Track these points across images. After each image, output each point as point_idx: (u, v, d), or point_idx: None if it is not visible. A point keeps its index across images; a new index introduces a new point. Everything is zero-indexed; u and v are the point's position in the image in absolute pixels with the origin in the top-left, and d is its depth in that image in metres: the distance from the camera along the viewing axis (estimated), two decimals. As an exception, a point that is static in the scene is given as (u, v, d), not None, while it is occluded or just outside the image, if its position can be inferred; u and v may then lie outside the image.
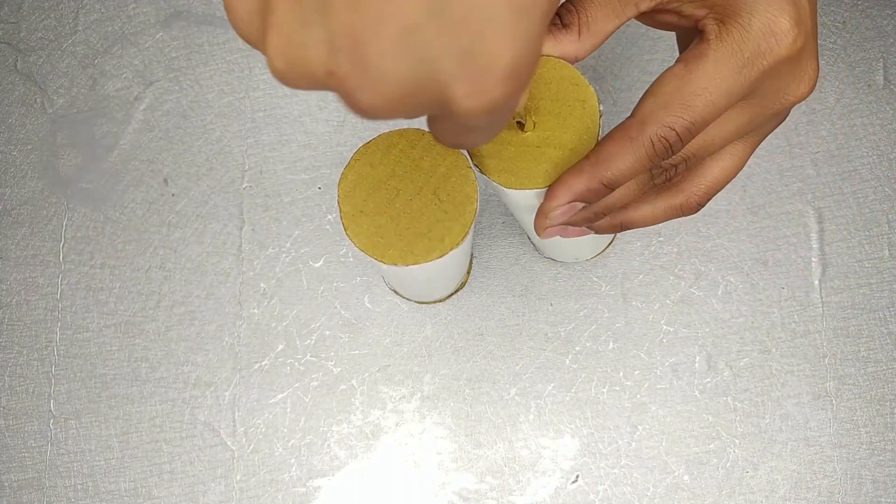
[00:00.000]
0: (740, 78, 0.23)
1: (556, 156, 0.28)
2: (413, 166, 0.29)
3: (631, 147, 0.24)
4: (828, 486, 0.41)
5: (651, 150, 0.24)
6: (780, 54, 0.23)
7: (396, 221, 0.29)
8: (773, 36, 0.22)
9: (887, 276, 0.43)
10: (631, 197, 0.27)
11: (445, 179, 0.29)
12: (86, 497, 0.42)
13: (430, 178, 0.29)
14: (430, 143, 0.29)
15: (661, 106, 0.23)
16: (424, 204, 0.29)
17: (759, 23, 0.22)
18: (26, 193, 0.46)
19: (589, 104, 0.29)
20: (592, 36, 0.25)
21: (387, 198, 0.29)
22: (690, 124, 0.23)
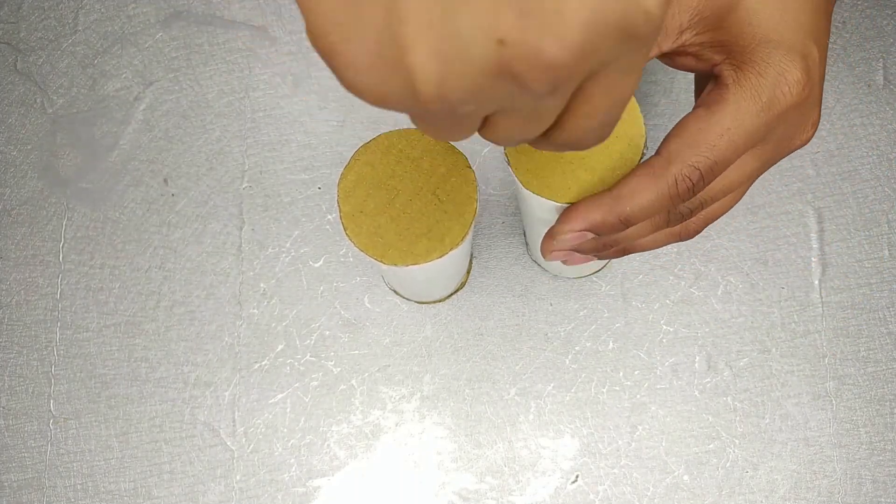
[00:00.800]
0: (758, 121, 0.24)
1: (585, 178, 0.29)
2: (413, 166, 0.29)
3: (654, 185, 0.25)
4: (828, 486, 0.41)
5: (674, 189, 0.24)
6: (791, 101, 0.24)
7: (396, 221, 0.29)
8: (787, 84, 0.24)
9: (887, 276, 0.43)
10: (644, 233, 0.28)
11: (445, 179, 0.29)
12: (86, 497, 0.42)
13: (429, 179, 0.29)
14: (430, 144, 0.29)
15: (686, 146, 0.24)
16: (424, 204, 0.29)
17: (773, 71, 0.24)
18: (26, 193, 0.46)
19: (635, 143, 0.29)
20: None
21: (386, 198, 0.29)
22: (714, 163, 0.24)
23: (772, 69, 0.24)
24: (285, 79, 0.47)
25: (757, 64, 0.24)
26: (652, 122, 0.45)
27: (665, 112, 0.45)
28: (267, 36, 0.47)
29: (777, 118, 0.24)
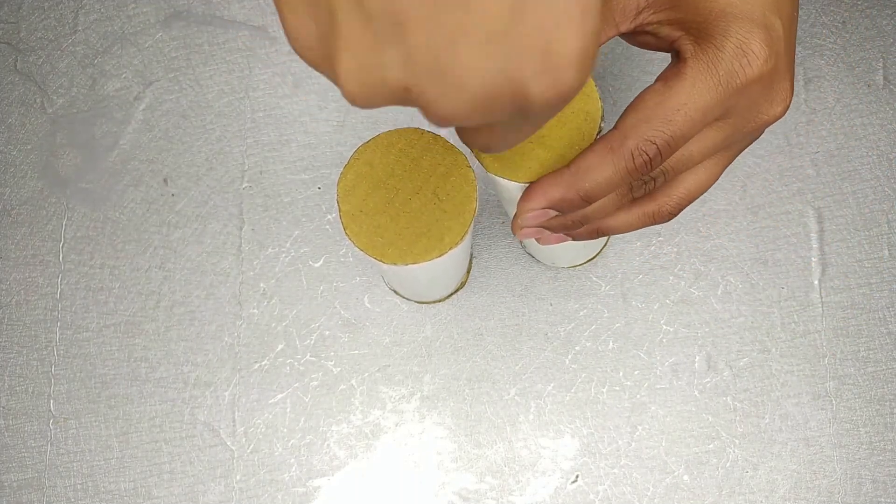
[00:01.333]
0: (716, 95, 0.24)
1: (544, 156, 0.29)
2: (412, 166, 0.29)
3: (611, 159, 0.25)
4: (827, 485, 0.41)
5: (631, 164, 0.24)
6: (751, 74, 0.24)
7: (396, 221, 0.29)
8: (745, 56, 0.23)
9: (887, 276, 0.43)
10: (609, 209, 0.28)
11: (445, 179, 0.29)
12: (86, 497, 0.42)
13: (429, 178, 0.29)
14: (430, 143, 0.29)
15: (642, 120, 0.24)
16: (424, 203, 0.29)
17: (731, 44, 0.24)
18: (26, 193, 0.46)
19: (591, 117, 0.29)
20: None
21: (386, 197, 0.29)
22: (670, 138, 0.24)
23: (730, 42, 0.24)
24: (285, 79, 0.47)
25: (715, 38, 0.24)
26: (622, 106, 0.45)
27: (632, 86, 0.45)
28: (267, 36, 0.47)
29: (737, 92, 0.24)
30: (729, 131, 0.26)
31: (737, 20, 0.24)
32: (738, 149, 0.28)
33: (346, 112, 0.46)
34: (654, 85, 0.25)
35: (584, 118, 0.29)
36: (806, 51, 0.45)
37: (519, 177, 0.28)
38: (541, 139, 0.29)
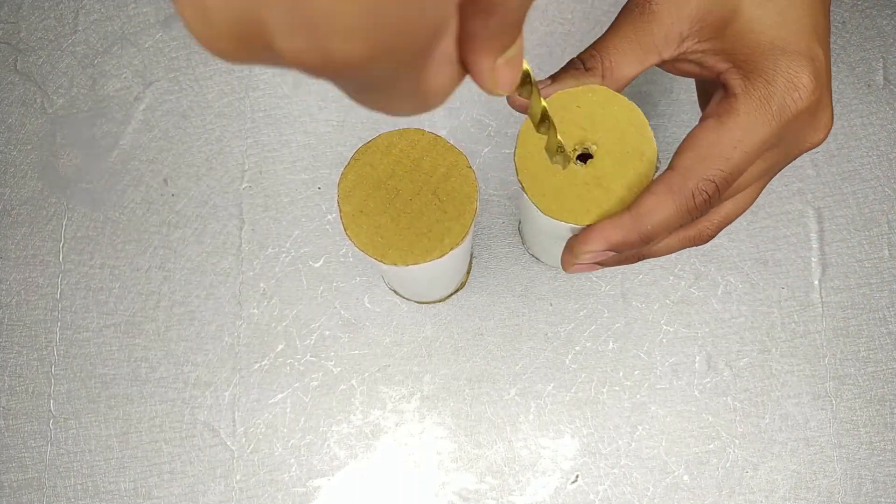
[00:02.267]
0: (769, 129, 0.24)
1: (603, 198, 0.29)
2: (413, 166, 0.29)
3: (672, 201, 0.25)
4: (827, 486, 0.41)
5: (692, 203, 0.25)
6: (802, 106, 0.24)
7: (396, 221, 0.29)
8: (797, 90, 0.24)
9: (887, 276, 0.43)
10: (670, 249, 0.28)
11: (445, 179, 0.29)
12: (86, 497, 0.42)
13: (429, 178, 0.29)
14: (431, 144, 0.29)
15: (700, 159, 0.24)
16: (424, 204, 0.29)
17: (782, 78, 0.24)
18: (26, 193, 0.46)
19: (647, 157, 0.29)
20: (615, 81, 0.26)
21: (387, 198, 0.29)
22: (729, 175, 0.24)
23: (780, 76, 0.24)
24: (285, 79, 0.47)
25: (765, 72, 0.24)
26: (652, 122, 0.45)
27: (665, 112, 0.45)
28: (267, 36, 0.47)
29: (788, 124, 0.24)
30: (775, 160, 0.26)
31: (785, 54, 0.24)
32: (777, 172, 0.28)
33: (346, 112, 0.46)
34: (707, 122, 0.25)
35: (640, 159, 0.29)
36: (806, 51, 0.45)
37: (577, 219, 0.29)
38: (598, 181, 0.29)
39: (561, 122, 0.29)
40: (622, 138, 0.29)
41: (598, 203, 0.29)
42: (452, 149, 0.29)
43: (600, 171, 0.29)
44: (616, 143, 0.29)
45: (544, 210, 0.29)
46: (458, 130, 0.45)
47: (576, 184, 0.29)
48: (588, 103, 0.29)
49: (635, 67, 0.26)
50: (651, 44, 0.26)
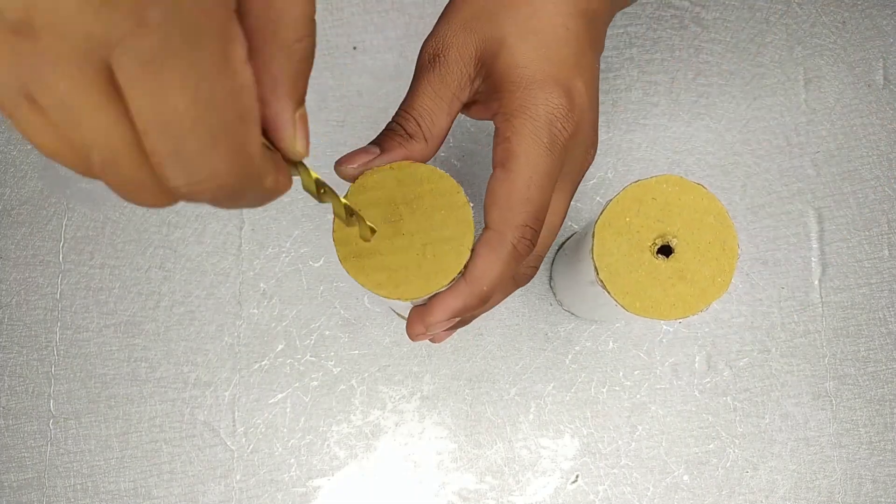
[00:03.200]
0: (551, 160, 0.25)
1: (687, 291, 0.29)
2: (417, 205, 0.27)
3: (497, 257, 0.25)
4: (828, 485, 0.41)
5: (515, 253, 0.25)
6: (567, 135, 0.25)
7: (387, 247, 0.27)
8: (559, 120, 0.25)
9: (887, 276, 0.43)
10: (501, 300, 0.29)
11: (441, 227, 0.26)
12: (86, 497, 0.42)
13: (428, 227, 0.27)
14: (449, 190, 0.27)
15: (507, 210, 0.25)
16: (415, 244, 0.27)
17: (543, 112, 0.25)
18: (26, 193, 0.46)
19: (729, 246, 0.29)
20: (435, 139, 0.27)
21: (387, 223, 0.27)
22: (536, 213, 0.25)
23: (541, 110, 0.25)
24: (285, 79, 0.46)
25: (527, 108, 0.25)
26: (653, 122, 0.45)
27: (667, 112, 0.45)
28: (267, 36, 0.47)
29: (562, 151, 0.26)
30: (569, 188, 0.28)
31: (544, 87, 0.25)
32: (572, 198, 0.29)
33: (346, 111, 0.46)
34: (496, 172, 0.26)
35: (721, 248, 0.29)
36: (806, 51, 0.45)
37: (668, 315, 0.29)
38: (681, 274, 0.29)
39: (637, 216, 0.30)
40: (701, 228, 0.29)
41: (682, 297, 0.29)
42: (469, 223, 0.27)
43: (683, 265, 0.29)
44: (696, 233, 0.29)
45: (628, 307, 0.29)
46: (457, 130, 0.45)
47: (659, 279, 0.29)
48: (663, 194, 0.30)
49: (446, 120, 0.27)
50: (451, 93, 0.26)
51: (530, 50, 0.25)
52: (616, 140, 0.45)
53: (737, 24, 0.46)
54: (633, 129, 0.45)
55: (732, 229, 0.29)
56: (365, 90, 0.46)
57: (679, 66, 0.45)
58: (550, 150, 0.25)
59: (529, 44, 0.26)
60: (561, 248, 0.43)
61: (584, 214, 0.44)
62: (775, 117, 0.45)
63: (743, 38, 0.45)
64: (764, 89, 0.45)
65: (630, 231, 0.30)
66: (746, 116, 0.45)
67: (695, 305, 0.29)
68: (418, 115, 0.26)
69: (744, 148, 0.44)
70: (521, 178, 0.25)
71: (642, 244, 0.30)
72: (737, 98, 0.45)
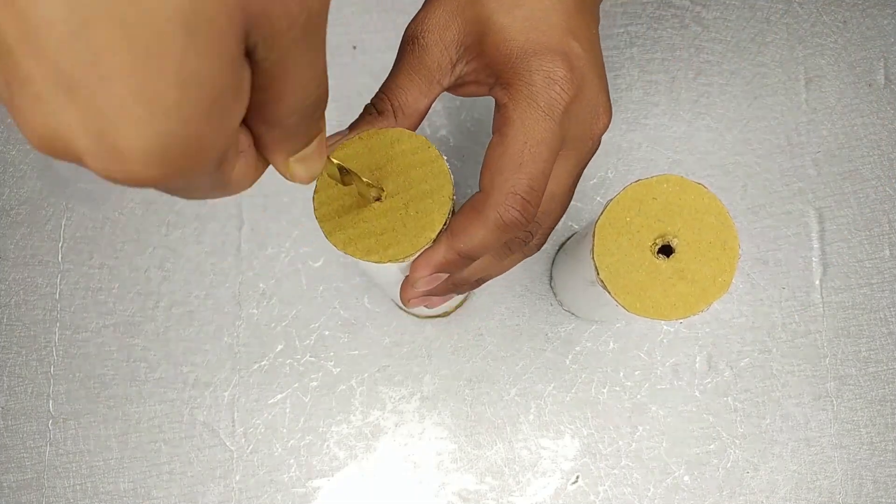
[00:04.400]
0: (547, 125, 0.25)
1: (688, 292, 0.29)
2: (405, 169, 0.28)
3: (479, 218, 0.25)
4: (828, 486, 0.41)
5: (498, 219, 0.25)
6: (568, 97, 0.25)
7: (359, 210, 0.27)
8: (556, 84, 0.25)
9: (888, 276, 0.43)
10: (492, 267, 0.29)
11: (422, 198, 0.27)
12: (85, 497, 0.42)
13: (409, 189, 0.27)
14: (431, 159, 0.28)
15: (496, 174, 0.25)
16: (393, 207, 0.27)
17: (539, 77, 0.25)
18: (25, 193, 0.46)
19: (730, 246, 0.29)
20: (408, 118, 0.27)
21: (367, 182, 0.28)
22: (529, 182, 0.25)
23: (537, 76, 0.25)
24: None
25: (523, 75, 0.25)
26: (654, 122, 0.45)
27: (667, 111, 0.45)
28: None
29: (563, 117, 0.25)
30: (575, 156, 0.27)
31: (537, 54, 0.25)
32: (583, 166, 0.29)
33: (346, 111, 0.45)
34: (492, 139, 0.26)
35: (722, 248, 0.29)
36: (807, 50, 0.45)
37: (668, 316, 0.29)
38: (682, 274, 0.29)
39: (638, 216, 0.29)
40: (702, 228, 0.29)
41: (683, 297, 0.29)
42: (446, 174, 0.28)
43: (683, 265, 0.29)
44: (696, 233, 0.29)
45: (629, 308, 0.29)
46: (457, 130, 0.45)
47: (660, 279, 0.29)
48: (663, 194, 0.29)
49: (422, 102, 0.27)
50: (429, 76, 0.27)
51: (517, 22, 0.25)
52: (616, 139, 0.45)
53: (737, 24, 0.45)
54: (633, 129, 0.45)
55: (733, 229, 0.29)
56: (365, 90, 0.46)
57: (680, 65, 0.45)
58: (548, 114, 0.25)
59: (515, 17, 0.25)
60: (561, 248, 0.43)
61: (585, 214, 0.44)
62: (776, 117, 0.44)
63: (744, 37, 0.45)
64: (765, 89, 0.45)
65: (630, 231, 0.30)
66: (747, 116, 0.45)
67: (695, 305, 0.29)
68: (391, 94, 0.27)
69: (745, 147, 0.44)
70: (514, 143, 0.25)
71: (643, 244, 0.29)
72: (738, 97, 0.45)
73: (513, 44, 0.25)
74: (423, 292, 0.28)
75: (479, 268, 0.28)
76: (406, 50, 0.27)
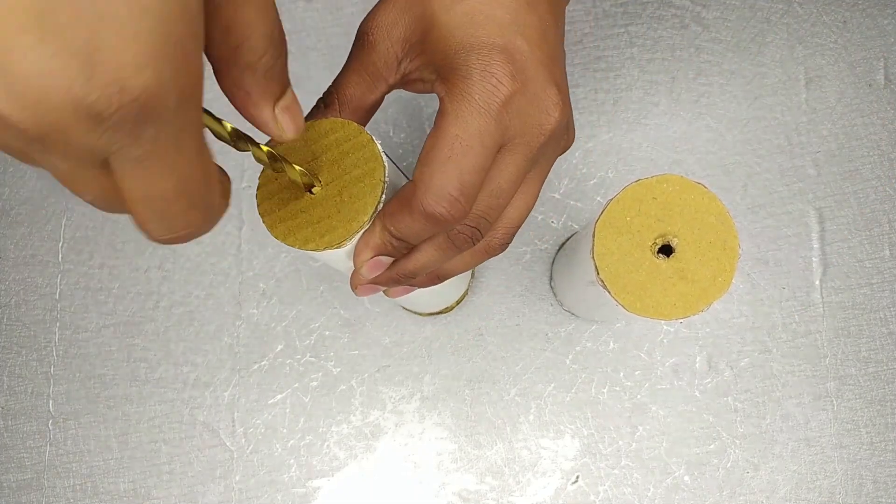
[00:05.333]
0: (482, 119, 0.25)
1: (688, 292, 0.29)
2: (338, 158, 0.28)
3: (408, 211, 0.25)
4: (828, 486, 0.41)
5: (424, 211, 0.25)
6: (506, 92, 0.25)
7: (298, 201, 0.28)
8: (493, 77, 0.25)
9: (888, 276, 0.43)
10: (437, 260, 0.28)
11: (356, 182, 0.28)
12: (85, 497, 0.42)
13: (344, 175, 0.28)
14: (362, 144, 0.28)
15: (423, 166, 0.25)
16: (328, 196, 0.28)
17: (476, 72, 0.25)
18: (25, 193, 0.46)
19: (730, 246, 0.29)
20: (353, 112, 0.28)
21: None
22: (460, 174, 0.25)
23: (474, 70, 0.25)
24: (285, 78, 0.46)
25: (459, 69, 0.25)
26: (654, 121, 0.45)
27: (667, 111, 0.45)
28: (266, 35, 0.47)
29: (501, 112, 0.25)
30: (522, 151, 0.26)
31: (474, 49, 0.25)
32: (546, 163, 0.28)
33: (346, 112, 0.46)
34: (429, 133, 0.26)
35: (722, 248, 0.29)
36: (807, 50, 0.45)
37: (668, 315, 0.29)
38: (682, 273, 0.29)
39: (638, 215, 0.29)
40: (702, 228, 0.29)
41: (683, 297, 0.29)
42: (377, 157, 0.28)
43: (683, 264, 0.29)
44: (697, 233, 0.29)
45: (629, 307, 0.29)
46: (458, 130, 0.45)
47: (659, 279, 0.29)
48: (663, 194, 0.29)
49: (368, 97, 0.28)
50: (375, 73, 0.27)
51: (457, 17, 0.26)
52: (617, 139, 0.45)
53: (738, 24, 0.45)
54: (633, 129, 0.45)
55: (733, 229, 0.29)
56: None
57: (680, 65, 0.45)
58: (483, 108, 0.25)
59: (456, 13, 0.26)
60: (561, 248, 0.43)
61: (585, 214, 0.44)
62: (776, 117, 0.45)
63: (744, 37, 0.45)
64: (765, 89, 0.45)
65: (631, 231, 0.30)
66: (747, 116, 0.45)
67: (695, 305, 0.29)
68: (338, 89, 0.27)
69: (745, 147, 0.44)
70: (446, 136, 0.24)
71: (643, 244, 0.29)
72: (738, 97, 0.45)
73: (452, 40, 0.25)
74: (370, 280, 0.28)
75: (424, 259, 0.28)
76: (356, 46, 0.28)
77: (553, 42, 0.27)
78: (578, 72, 0.45)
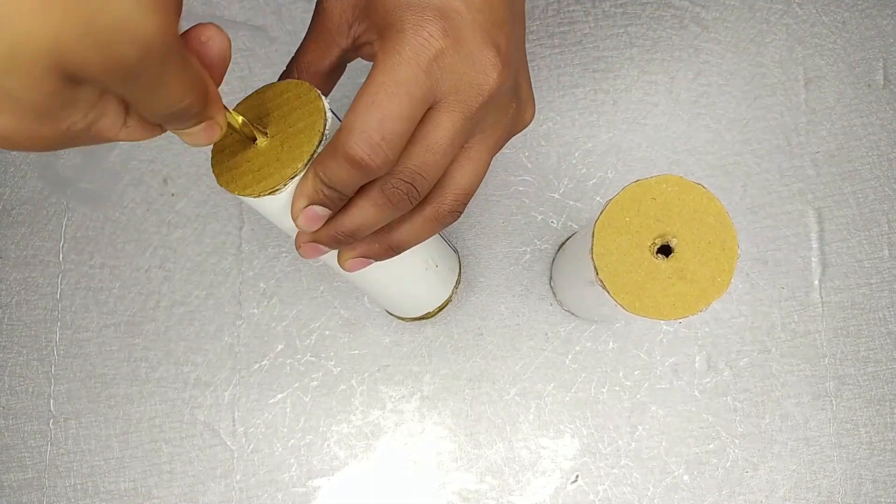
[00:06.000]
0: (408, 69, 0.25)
1: (687, 291, 0.29)
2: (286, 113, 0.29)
3: (334, 157, 0.26)
4: (828, 485, 0.41)
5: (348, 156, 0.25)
6: (436, 47, 0.25)
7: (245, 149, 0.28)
8: (424, 31, 0.25)
9: (887, 276, 0.43)
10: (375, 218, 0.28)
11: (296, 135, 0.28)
12: (85, 497, 0.42)
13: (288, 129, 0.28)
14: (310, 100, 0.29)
15: (350, 112, 0.25)
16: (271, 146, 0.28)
17: (409, 26, 0.26)
18: (26, 193, 0.46)
19: (729, 246, 0.29)
20: (312, 76, 0.29)
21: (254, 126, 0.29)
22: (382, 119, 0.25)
23: (407, 25, 0.26)
24: (285, 79, 0.46)
25: (394, 25, 0.26)
26: (653, 122, 0.45)
27: (667, 112, 0.45)
28: (267, 36, 0.47)
29: (431, 66, 0.25)
30: (460, 109, 0.27)
31: (410, 7, 0.26)
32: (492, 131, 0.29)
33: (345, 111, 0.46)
34: None
35: (721, 248, 0.29)
36: (806, 51, 0.45)
37: (668, 315, 0.29)
38: (681, 273, 0.29)
39: (637, 216, 0.30)
40: (701, 228, 0.29)
41: (682, 297, 0.29)
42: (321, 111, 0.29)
43: (682, 264, 0.29)
44: (696, 233, 0.29)
45: (628, 307, 0.29)
46: (458, 130, 0.45)
47: (659, 278, 0.29)
48: (662, 194, 0.30)
49: (322, 63, 0.29)
50: (329, 38, 0.29)
51: None
52: (616, 140, 0.45)
53: (737, 24, 0.46)
54: (633, 129, 0.45)
55: (732, 229, 0.29)
56: (365, 90, 0.46)
57: (679, 66, 0.45)
58: (412, 60, 0.25)
59: None
60: (561, 248, 0.43)
61: (584, 214, 0.44)
62: (775, 117, 0.45)
63: (743, 38, 0.45)
64: (764, 89, 0.45)
65: (630, 231, 0.30)
66: (746, 116, 0.45)
67: (695, 305, 0.29)
68: (297, 56, 0.29)
69: (744, 148, 0.44)
70: (372, 84, 0.25)
71: (642, 244, 0.30)
72: (737, 98, 0.45)
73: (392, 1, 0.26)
74: (312, 238, 0.28)
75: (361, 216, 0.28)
76: (314, 15, 0.29)
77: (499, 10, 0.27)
78: (578, 72, 0.45)
